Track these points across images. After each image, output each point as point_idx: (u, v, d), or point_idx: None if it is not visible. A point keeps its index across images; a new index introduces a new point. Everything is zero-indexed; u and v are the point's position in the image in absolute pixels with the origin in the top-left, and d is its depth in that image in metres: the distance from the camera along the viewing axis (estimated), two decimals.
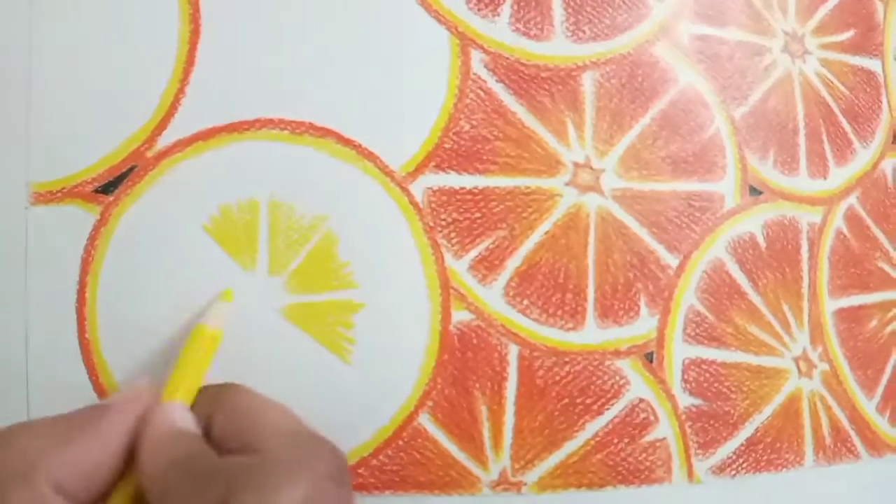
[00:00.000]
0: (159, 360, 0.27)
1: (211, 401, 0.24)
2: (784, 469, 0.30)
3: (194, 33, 0.28)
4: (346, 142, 0.28)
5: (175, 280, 0.27)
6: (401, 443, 0.28)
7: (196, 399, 0.25)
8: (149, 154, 0.28)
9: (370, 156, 0.28)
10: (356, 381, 0.28)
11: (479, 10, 0.29)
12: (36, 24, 0.27)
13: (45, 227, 0.27)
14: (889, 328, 0.33)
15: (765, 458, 0.30)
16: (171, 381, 0.25)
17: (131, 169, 0.28)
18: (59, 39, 0.28)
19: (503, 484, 0.28)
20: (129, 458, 0.23)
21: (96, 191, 0.28)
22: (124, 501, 0.22)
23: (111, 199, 0.27)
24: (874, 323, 0.32)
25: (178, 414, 0.24)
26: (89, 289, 0.27)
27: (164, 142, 0.28)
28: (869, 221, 0.33)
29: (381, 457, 0.27)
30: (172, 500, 0.20)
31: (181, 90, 0.28)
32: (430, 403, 0.28)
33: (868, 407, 0.32)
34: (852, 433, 0.31)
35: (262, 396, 0.24)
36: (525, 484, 0.28)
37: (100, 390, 0.27)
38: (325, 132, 0.28)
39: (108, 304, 0.27)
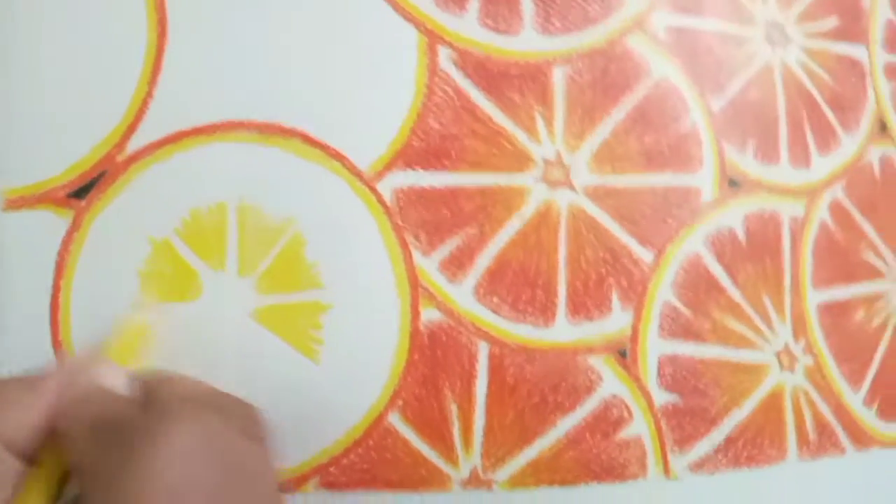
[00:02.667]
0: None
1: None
2: (766, 465, 0.30)
3: (161, 38, 0.28)
4: (314, 143, 0.28)
5: (147, 283, 0.28)
6: (371, 442, 0.28)
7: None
8: (119, 158, 0.28)
9: (338, 156, 0.28)
10: (326, 381, 0.28)
11: (446, 6, 0.29)
12: (8, 31, 0.28)
13: (19, 232, 0.28)
14: (876, 320, 0.32)
15: (745, 453, 0.29)
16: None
17: (102, 174, 0.28)
18: (31, 48, 0.28)
19: (474, 482, 0.28)
20: None
21: (69, 196, 0.28)
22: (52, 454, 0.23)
23: (83, 203, 0.28)
24: (860, 315, 0.32)
25: (106, 374, 0.24)
26: (62, 293, 0.28)
27: (133, 146, 0.28)
28: (855, 212, 0.32)
29: (351, 456, 0.28)
30: (77, 444, 0.22)
31: (149, 94, 0.28)
32: (399, 402, 0.28)
33: (854, 401, 0.31)
34: (837, 427, 0.31)
35: (182, 376, 0.25)
36: (496, 482, 0.28)
37: None
38: (292, 133, 0.28)
39: (82, 308, 0.28)
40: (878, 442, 0.31)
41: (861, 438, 0.31)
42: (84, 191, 0.28)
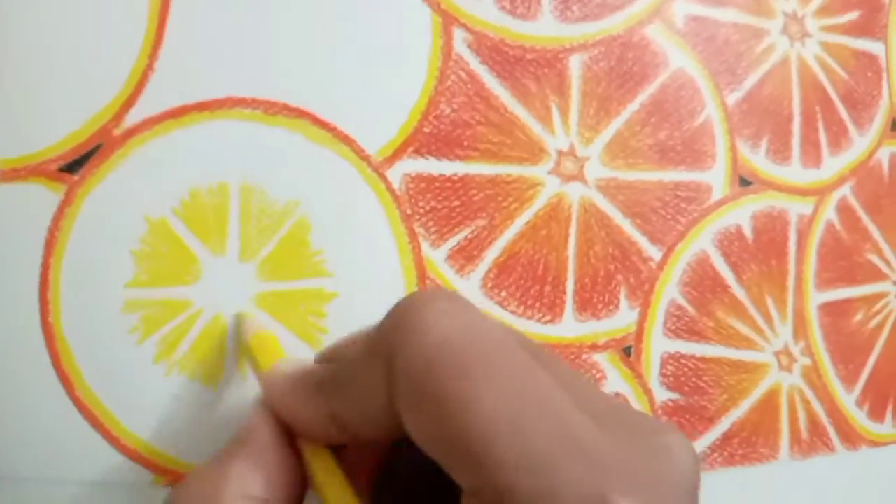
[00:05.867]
0: (123, 347, 0.27)
1: None
2: (759, 463, 0.30)
3: (163, 7, 0.26)
4: (322, 124, 0.27)
5: (142, 264, 0.27)
6: None
7: None
8: (116, 132, 0.26)
9: (346, 139, 0.27)
10: None
11: None
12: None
13: (8, 206, 0.26)
14: (873, 322, 0.32)
15: (740, 451, 0.30)
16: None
17: (98, 147, 0.27)
18: (24, 14, 0.26)
19: None
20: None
21: (61, 169, 0.26)
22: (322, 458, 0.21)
23: (76, 178, 0.26)
24: (859, 316, 0.32)
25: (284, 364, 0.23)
26: (52, 271, 0.26)
27: (131, 120, 0.27)
28: (861, 213, 0.32)
29: None
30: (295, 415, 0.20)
31: (150, 66, 0.26)
32: None
33: (847, 401, 0.31)
34: (829, 427, 0.31)
35: None
36: None
37: (61, 374, 0.27)
38: (299, 113, 0.27)
39: (72, 287, 0.26)
40: (867, 441, 0.32)
41: (851, 438, 0.31)
42: (77, 164, 0.26)
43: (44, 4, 0.26)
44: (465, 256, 0.28)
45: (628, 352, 0.29)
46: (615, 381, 0.28)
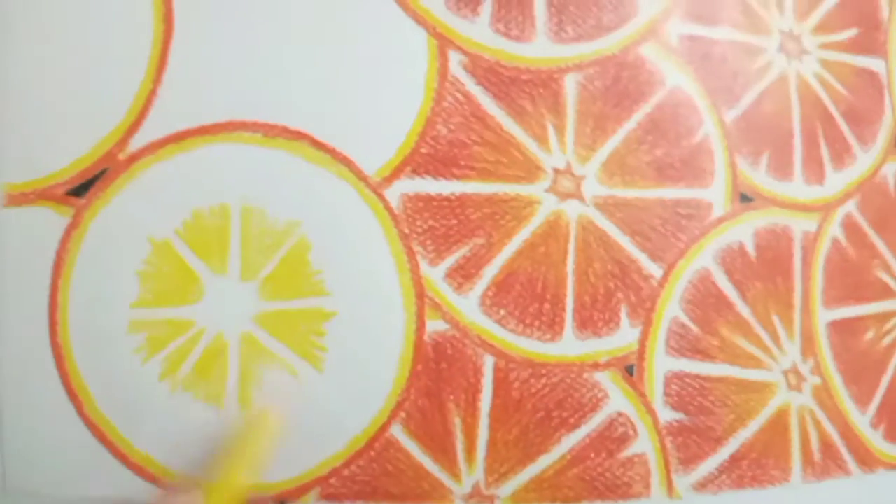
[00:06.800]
0: (129, 366, 0.27)
1: None
2: (769, 485, 0.29)
3: (167, 33, 0.27)
4: (320, 146, 0.27)
5: (147, 284, 0.27)
6: (373, 453, 0.27)
7: None
8: (121, 156, 0.27)
9: (344, 160, 0.28)
10: (328, 390, 0.27)
11: (458, 9, 0.28)
12: (8, 24, 0.27)
13: (17, 229, 0.27)
14: (886, 340, 0.31)
15: (749, 474, 0.29)
16: (215, 488, 0.24)
17: (103, 171, 0.27)
18: (32, 40, 0.27)
19: (476, 497, 0.27)
20: None
21: (68, 193, 0.27)
22: None
23: (83, 201, 0.27)
24: (870, 335, 0.31)
25: None
26: (61, 292, 0.27)
27: (136, 144, 0.27)
28: (868, 229, 0.32)
29: (352, 467, 0.27)
30: None
31: (153, 91, 0.27)
32: (402, 414, 0.27)
33: (861, 422, 0.31)
34: (843, 449, 0.30)
35: None
36: (498, 497, 0.27)
37: (71, 393, 0.27)
38: (298, 135, 0.27)
39: (80, 308, 0.27)
40: (884, 464, 0.31)
41: (867, 460, 0.31)
42: (84, 188, 0.27)
43: (50, 34, 0.27)
44: (463, 275, 0.28)
45: (630, 371, 0.28)
46: (617, 400, 0.28)
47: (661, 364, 0.28)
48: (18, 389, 0.27)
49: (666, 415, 0.28)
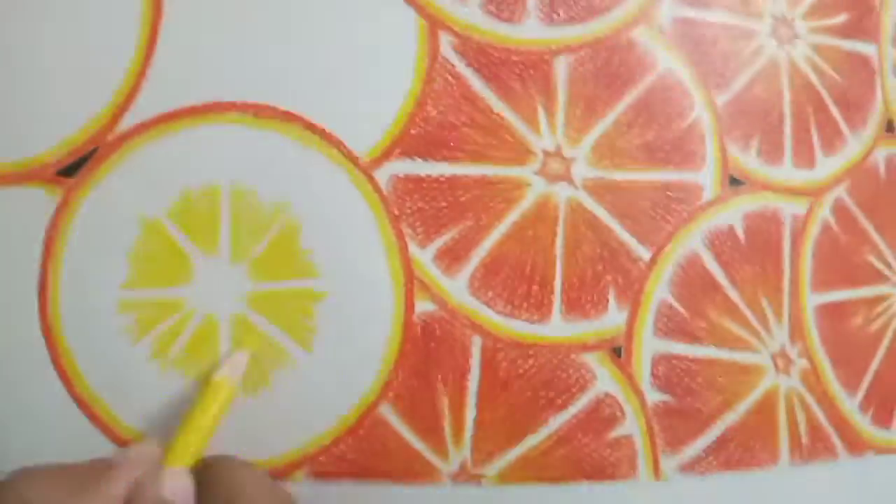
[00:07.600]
0: (119, 346, 0.27)
1: (205, 473, 0.25)
2: (757, 468, 0.29)
3: (156, 13, 0.27)
4: (310, 126, 0.28)
5: (137, 265, 0.27)
6: (362, 432, 0.27)
7: (197, 466, 0.25)
8: (110, 137, 0.27)
9: (334, 141, 0.28)
10: (317, 369, 0.27)
11: None
12: None
13: (6, 209, 0.27)
14: (875, 324, 0.32)
15: (736, 456, 0.29)
16: (175, 444, 0.25)
17: (93, 152, 0.27)
18: (21, 20, 0.27)
19: (463, 476, 0.27)
20: None
21: (58, 173, 0.27)
22: None
23: (73, 181, 0.27)
24: (859, 319, 0.31)
25: (170, 486, 0.24)
26: (51, 273, 0.27)
27: (125, 124, 0.27)
28: (858, 214, 0.32)
29: (341, 446, 0.27)
30: None
31: (142, 72, 0.27)
32: (391, 394, 0.27)
33: (849, 405, 0.31)
34: (831, 432, 0.30)
35: (252, 478, 0.25)
36: (485, 476, 0.27)
37: (61, 372, 0.27)
38: (288, 116, 0.27)
39: (70, 288, 0.27)
40: (872, 447, 0.31)
41: (855, 444, 0.31)
42: (74, 168, 0.27)
43: (39, 15, 0.27)
44: (452, 256, 0.28)
45: (618, 352, 0.28)
46: (605, 381, 0.28)
47: (649, 346, 0.29)
48: (9, 368, 0.27)
49: (653, 396, 0.28)
